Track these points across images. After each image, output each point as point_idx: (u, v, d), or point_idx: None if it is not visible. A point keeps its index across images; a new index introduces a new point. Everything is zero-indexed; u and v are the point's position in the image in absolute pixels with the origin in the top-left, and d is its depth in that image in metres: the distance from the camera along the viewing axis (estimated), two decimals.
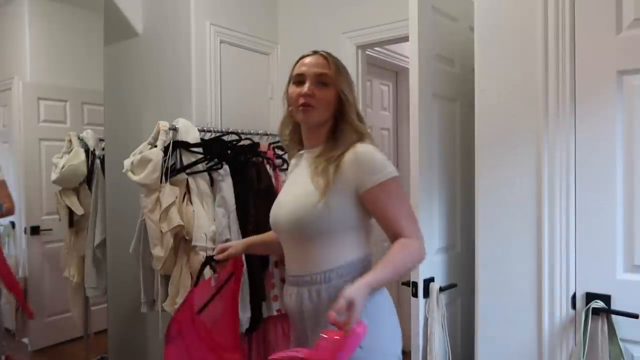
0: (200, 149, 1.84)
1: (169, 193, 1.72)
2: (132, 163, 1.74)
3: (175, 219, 1.69)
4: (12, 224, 2.37)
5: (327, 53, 1.18)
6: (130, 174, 1.73)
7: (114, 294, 2.23)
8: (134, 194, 1.95)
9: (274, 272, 1.94)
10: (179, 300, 1.75)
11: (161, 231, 1.71)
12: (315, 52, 1.18)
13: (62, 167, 2.14)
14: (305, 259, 1.08)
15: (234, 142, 2.00)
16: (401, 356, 1.09)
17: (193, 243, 1.74)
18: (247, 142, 2.03)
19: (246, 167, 1.94)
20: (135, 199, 2.03)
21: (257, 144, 2.04)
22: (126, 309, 2.28)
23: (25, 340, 2.34)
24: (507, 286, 1.29)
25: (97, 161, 2.24)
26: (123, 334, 2.34)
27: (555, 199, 1.21)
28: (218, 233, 1.77)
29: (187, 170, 1.82)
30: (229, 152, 1.94)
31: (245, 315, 1.80)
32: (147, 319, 2.26)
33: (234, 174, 1.89)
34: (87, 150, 2.23)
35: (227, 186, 1.84)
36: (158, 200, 1.72)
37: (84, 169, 2.20)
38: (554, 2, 1.20)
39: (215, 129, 2.01)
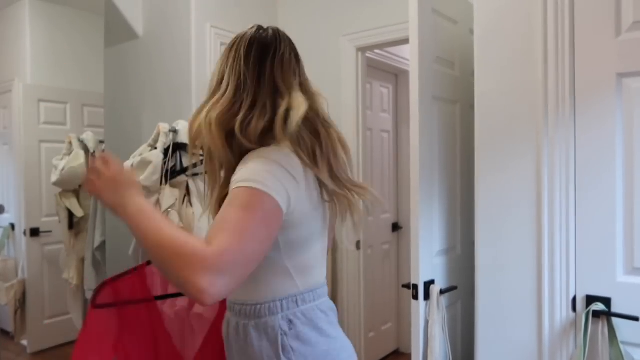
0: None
1: (169, 195, 1.72)
2: (131, 165, 1.74)
3: (175, 221, 1.69)
4: (12, 226, 2.37)
5: None
6: None
7: None
8: None
9: None
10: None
11: None
12: None
13: (62, 169, 2.14)
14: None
15: None
16: None
17: None
18: None
19: None
20: None
21: None
22: None
23: (24, 342, 2.33)
24: (507, 289, 1.29)
25: None
26: None
27: (555, 201, 1.21)
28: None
29: (187, 172, 1.82)
30: None
31: None
32: None
33: None
34: (87, 152, 2.23)
35: None
36: (158, 202, 1.72)
37: (83, 171, 2.21)
38: (554, 5, 1.21)
39: None
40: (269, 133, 0.85)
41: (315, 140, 0.87)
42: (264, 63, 0.89)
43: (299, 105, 0.84)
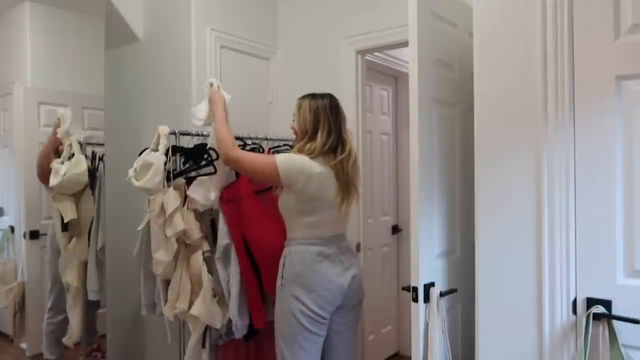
0: (203, 154, 1.85)
1: (174, 198, 1.72)
2: (134, 170, 1.74)
3: (180, 224, 1.69)
4: (12, 228, 2.36)
5: None
6: (133, 180, 1.73)
7: (113, 299, 2.23)
8: (134, 198, 1.95)
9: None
10: (179, 305, 1.74)
11: (165, 235, 1.71)
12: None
13: (64, 174, 2.13)
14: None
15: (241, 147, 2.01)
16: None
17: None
18: (249, 147, 2.04)
19: None
20: (135, 204, 2.03)
21: (263, 150, 2.06)
22: (125, 314, 2.27)
23: (24, 345, 2.33)
24: (507, 292, 1.29)
25: (102, 165, 2.23)
26: (122, 339, 2.33)
27: (555, 204, 1.21)
28: (219, 237, 1.78)
29: (186, 175, 1.82)
30: None
31: (243, 322, 1.79)
32: (146, 324, 2.25)
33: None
34: (86, 155, 2.23)
35: None
36: (163, 204, 1.71)
37: (85, 178, 2.20)
38: (552, 8, 1.21)
39: None
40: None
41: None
42: (318, 116, 1.63)
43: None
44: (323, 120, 1.61)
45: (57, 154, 2.21)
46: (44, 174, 2.17)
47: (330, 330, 1.62)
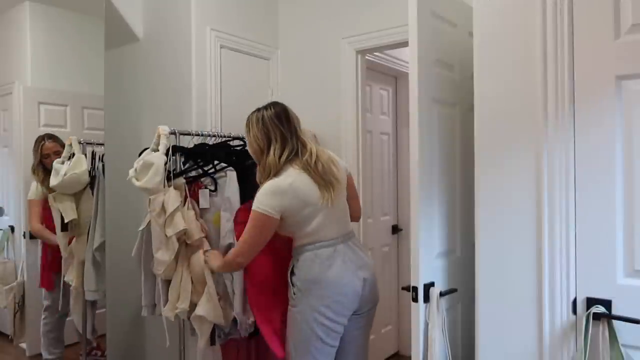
0: (202, 154, 1.85)
1: (174, 197, 1.72)
2: (135, 170, 1.74)
3: (180, 223, 1.69)
4: (12, 228, 2.36)
5: None
6: (133, 180, 1.73)
7: (113, 299, 2.23)
8: (134, 198, 1.95)
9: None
10: (180, 305, 1.74)
11: (165, 235, 1.71)
12: None
13: (65, 174, 2.13)
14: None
15: (239, 147, 2.00)
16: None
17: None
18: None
19: (252, 171, 1.94)
20: (135, 203, 2.03)
21: None
22: (125, 314, 2.27)
23: (23, 345, 2.33)
24: (507, 292, 1.29)
25: (100, 165, 2.23)
26: (122, 339, 2.33)
27: (555, 203, 1.21)
28: (222, 237, 1.78)
29: (186, 175, 1.82)
30: (234, 157, 1.94)
31: (248, 320, 1.80)
32: (146, 324, 2.25)
33: (240, 179, 1.89)
34: (86, 154, 2.23)
35: (232, 190, 1.85)
36: (164, 204, 1.72)
37: (86, 178, 2.20)
38: (553, 8, 1.21)
39: (220, 134, 2.01)
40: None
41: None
42: (267, 130, 1.60)
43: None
44: (274, 132, 1.56)
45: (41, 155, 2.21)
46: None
47: (345, 336, 1.59)
